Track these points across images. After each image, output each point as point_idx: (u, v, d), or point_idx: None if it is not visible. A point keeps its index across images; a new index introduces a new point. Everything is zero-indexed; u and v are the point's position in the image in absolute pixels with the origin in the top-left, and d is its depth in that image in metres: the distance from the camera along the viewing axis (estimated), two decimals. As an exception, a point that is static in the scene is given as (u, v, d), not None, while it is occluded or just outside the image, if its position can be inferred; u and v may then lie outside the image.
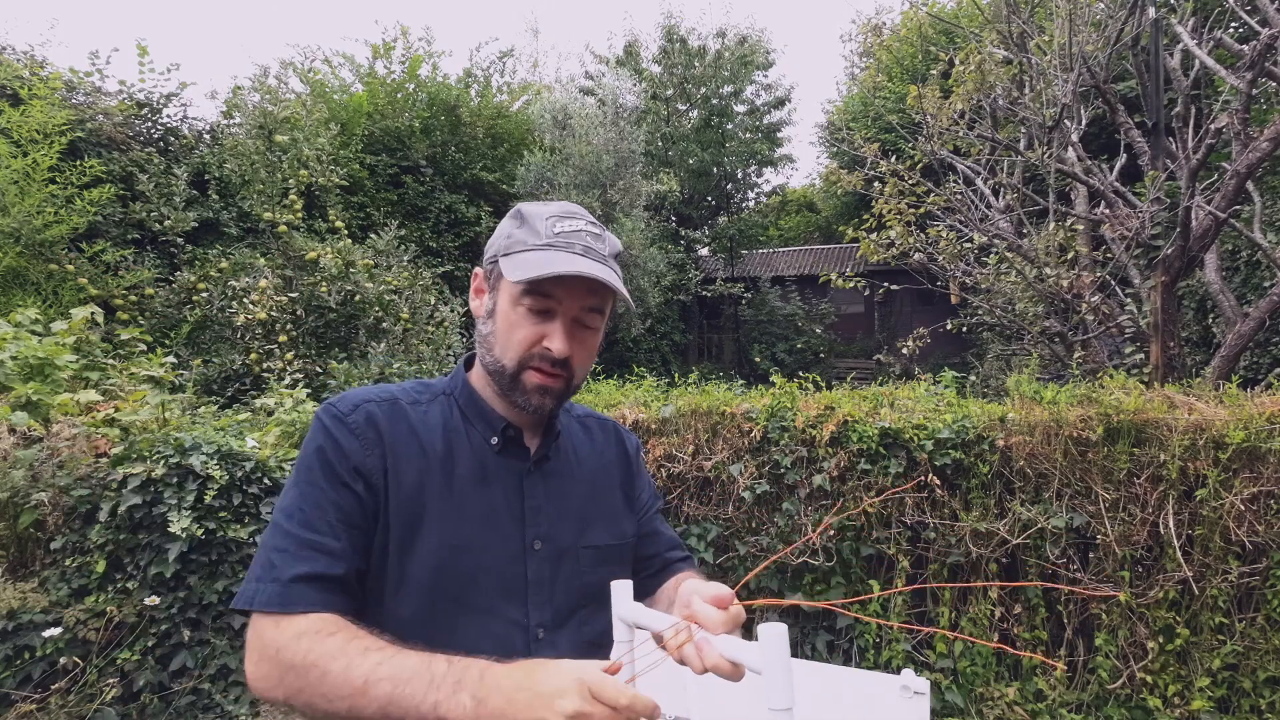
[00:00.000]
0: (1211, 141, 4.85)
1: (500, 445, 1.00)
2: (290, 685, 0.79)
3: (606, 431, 1.19)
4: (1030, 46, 5.80)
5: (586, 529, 1.05)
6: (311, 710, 0.79)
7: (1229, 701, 2.68)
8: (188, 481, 2.95)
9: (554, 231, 0.95)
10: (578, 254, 0.94)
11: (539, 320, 0.95)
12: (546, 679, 0.70)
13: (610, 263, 0.98)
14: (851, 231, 7.41)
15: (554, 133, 12.01)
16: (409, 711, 0.73)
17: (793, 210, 24.48)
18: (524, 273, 0.90)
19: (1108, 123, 6.51)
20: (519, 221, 0.98)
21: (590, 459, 1.12)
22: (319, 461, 0.91)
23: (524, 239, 0.95)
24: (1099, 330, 5.66)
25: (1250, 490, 2.61)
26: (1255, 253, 7.35)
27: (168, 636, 2.88)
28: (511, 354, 0.95)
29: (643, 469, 1.22)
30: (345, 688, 0.76)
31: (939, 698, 2.86)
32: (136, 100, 8.13)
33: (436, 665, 0.76)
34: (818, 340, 16.93)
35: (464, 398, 1.04)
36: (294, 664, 0.80)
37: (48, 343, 3.60)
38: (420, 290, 6.88)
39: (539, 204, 1.01)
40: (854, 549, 3.03)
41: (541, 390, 0.96)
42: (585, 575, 1.02)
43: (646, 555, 1.16)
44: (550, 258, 0.92)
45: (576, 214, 0.99)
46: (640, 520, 1.16)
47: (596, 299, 0.97)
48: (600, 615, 1.00)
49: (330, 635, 0.81)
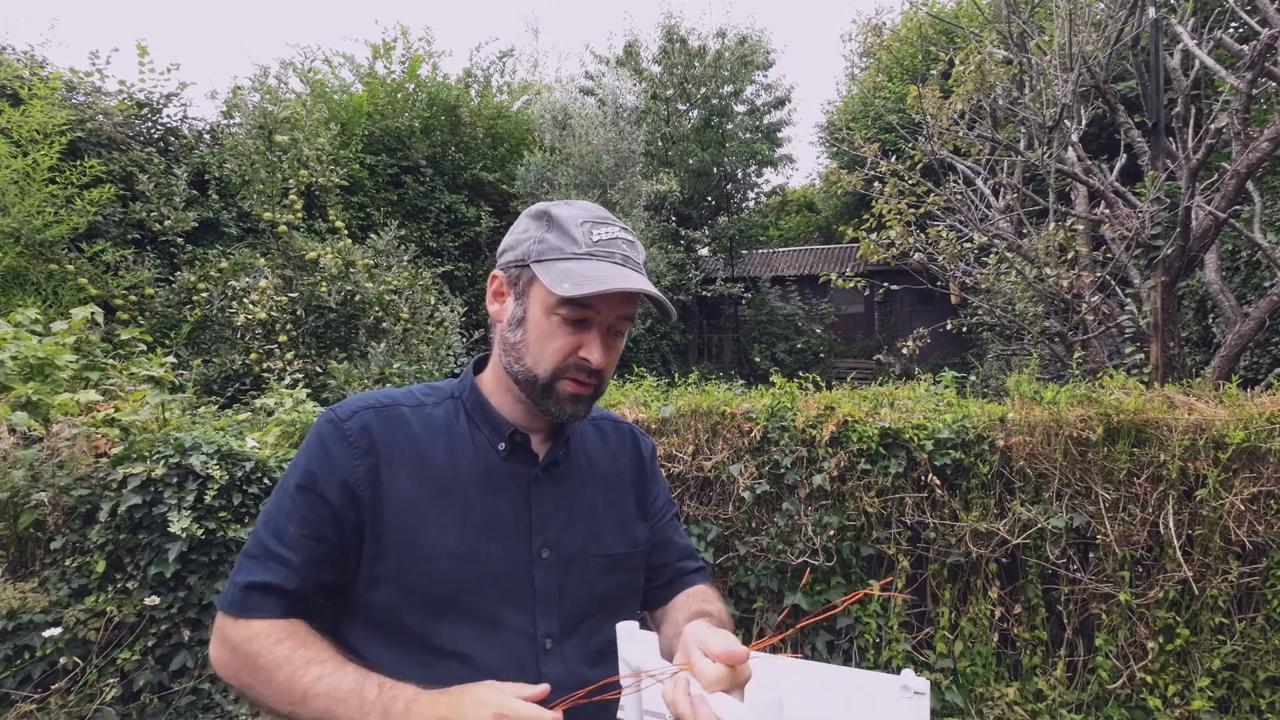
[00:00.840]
0: (1211, 141, 4.85)
1: (507, 451, 0.98)
2: (244, 680, 0.86)
3: (621, 434, 1.16)
4: (1030, 46, 5.80)
5: (597, 536, 1.02)
6: (259, 705, 0.85)
7: (1229, 701, 2.68)
8: (188, 481, 2.95)
9: (593, 240, 0.92)
10: (619, 264, 0.91)
11: (575, 330, 0.92)
12: (468, 708, 0.74)
13: (644, 269, 0.97)
14: (851, 231, 7.41)
15: (554, 133, 12.01)
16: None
17: (793, 210, 24.49)
18: (575, 286, 0.86)
19: (1108, 123, 6.51)
20: (547, 224, 0.94)
21: (602, 462, 1.10)
22: (304, 473, 0.92)
23: (560, 246, 0.92)
24: (1099, 330, 5.66)
25: (1250, 490, 2.61)
26: (1255, 253, 7.35)
27: (168, 636, 2.88)
28: (546, 364, 0.93)
29: (658, 474, 1.19)
30: (287, 696, 0.81)
31: (939, 698, 2.86)
32: (136, 100, 8.12)
33: (368, 689, 0.79)
34: (818, 340, 16.93)
35: (471, 401, 1.01)
36: (246, 663, 0.85)
37: (48, 343, 3.60)
38: (420, 290, 6.89)
39: (564, 205, 0.97)
40: (854, 549, 3.03)
41: (575, 399, 0.95)
42: (594, 584, 1.00)
43: (658, 565, 1.13)
44: (595, 269, 0.89)
45: (608, 219, 0.96)
46: (653, 527, 1.13)
47: (631, 307, 0.96)
48: (609, 624, 0.99)
49: (279, 642, 0.84)
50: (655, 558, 1.13)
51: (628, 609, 1.09)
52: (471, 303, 10.35)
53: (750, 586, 3.13)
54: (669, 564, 1.14)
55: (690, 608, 1.04)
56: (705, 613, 0.99)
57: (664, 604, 1.11)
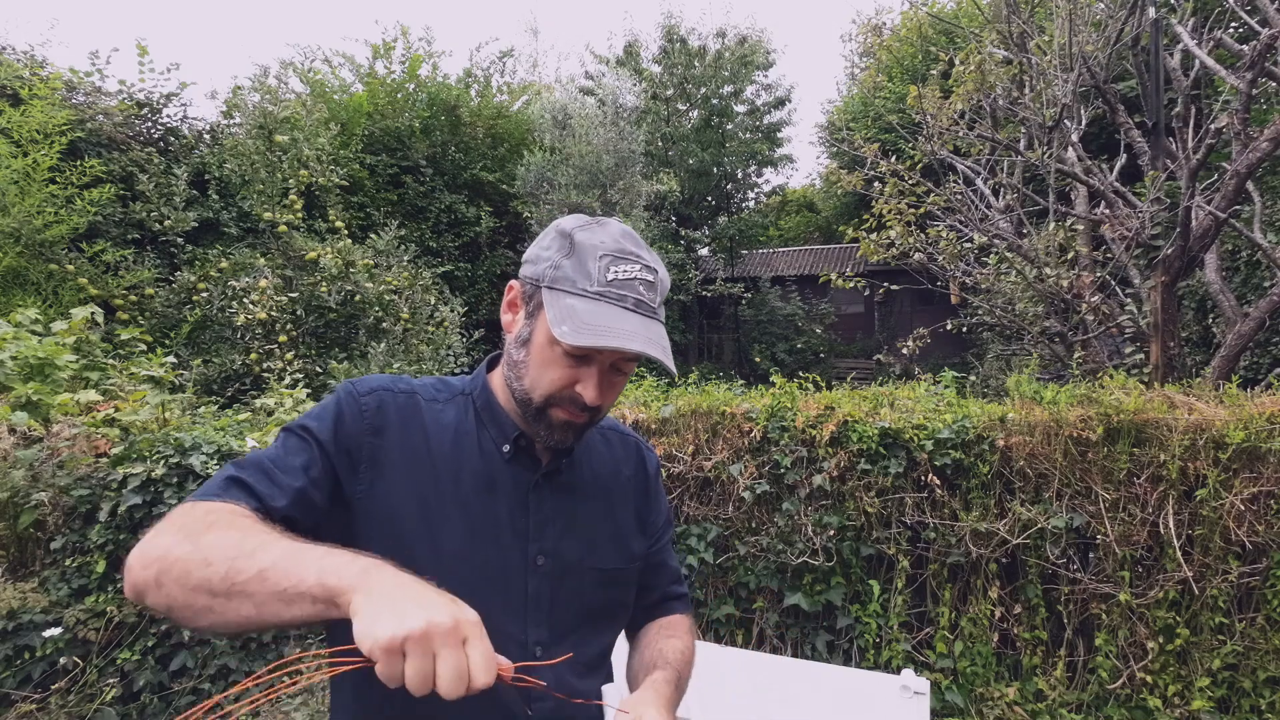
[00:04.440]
0: (1211, 141, 4.85)
1: (511, 454, 0.98)
2: (172, 556, 0.72)
3: (627, 447, 1.15)
4: (1030, 46, 5.80)
5: (594, 548, 1.02)
6: (179, 584, 0.71)
7: (1229, 701, 2.68)
8: (188, 481, 2.95)
9: (606, 279, 0.88)
10: (629, 309, 0.88)
11: (575, 364, 0.90)
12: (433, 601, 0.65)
13: (660, 313, 0.93)
14: (851, 231, 7.41)
15: (554, 133, 12.01)
16: (290, 574, 0.67)
17: (793, 210, 24.48)
18: (572, 332, 0.84)
19: (1108, 123, 6.51)
20: (568, 249, 0.91)
21: (606, 473, 1.09)
22: (315, 426, 0.91)
23: (572, 278, 0.89)
24: (1099, 330, 5.66)
25: (1250, 490, 2.61)
26: (1255, 253, 7.35)
27: (168, 636, 2.88)
28: (541, 390, 0.92)
29: (660, 492, 1.17)
30: (234, 548, 0.70)
31: (939, 698, 2.86)
32: (136, 100, 8.13)
33: (333, 551, 0.71)
34: (818, 340, 16.94)
35: (481, 399, 1.01)
36: (185, 526, 0.74)
37: (48, 343, 3.60)
38: (420, 290, 6.89)
39: (592, 230, 0.92)
40: (854, 549, 3.03)
41: (565, 426, 0.93)
42: (587, 596, 0.99)
43: (647, 585, 1.13)
44: (599, 315, 0.86)
45: (630, 254, 0.90)
46: (650, 548, 1.12)
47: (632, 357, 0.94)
48: (599, 638, 0.99)
49: (243, 516, 0.76)
50: (645, 578, 1.12)
51: (616, 625, 1.09)
52: (471, 303, 10.35)
53: (750, 586, 3.13)
54: (658, 587, 1.15)
55: (655, 647, 1.06)
56: (664, 661, 1.02)
57: (642, 626, 1.13)
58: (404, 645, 0.61)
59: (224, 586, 0.68)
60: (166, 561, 0.72)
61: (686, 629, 1.13)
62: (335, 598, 0.66)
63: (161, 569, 0.72)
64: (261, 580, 0.67)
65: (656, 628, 1.11)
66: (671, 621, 1.13)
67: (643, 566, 1.11)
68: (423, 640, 0.61)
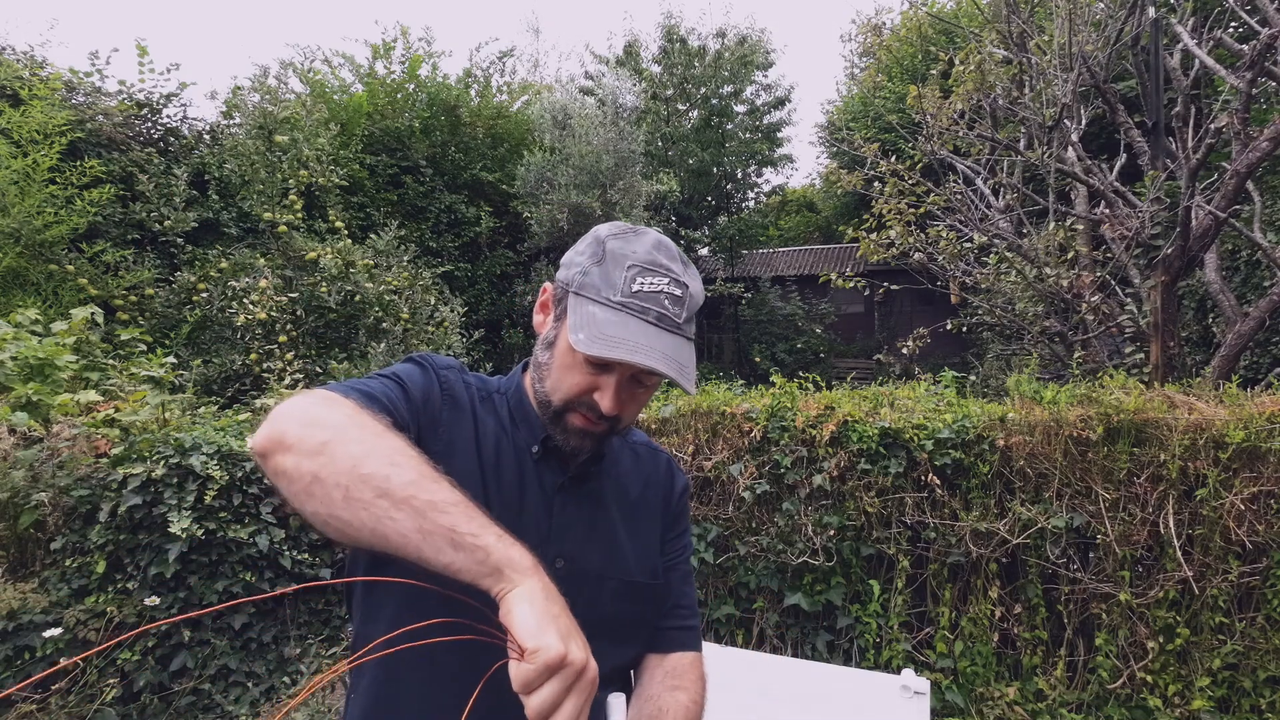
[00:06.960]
0: (1211, 141, 4.84)
1: (540, 454, 0.98)
2: (350, 436, 0.71)
3: (658, 464, 1.14)
4: (1030, 46, 5.79)
5: (614, 559, 1.00)
6: (348, 465, 0.69)
7: (1229, 701, 2.68)
8: (188, 482, 2.95)
9: (631, 289, 0.87)
10: (649, 322, 0.86)
11: (595, 371, 0.90)
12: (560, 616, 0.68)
13: (686, 329, 0.91)
14: (851, 231, 7.41)
15: (554, 133, 12.00)
16: (471, 523, 0.69)
17: (793, 210, 24.47)
18: (588, 341, 0.84)
19: (1108, 123, 6.51)
20: (599, 256, 0.90)
21: (634, 487, 1.08)
22: (407, 379, 0.93)
23: (598, 285, 0.88)
24: (1099, 330, 5.66)
25: (1250, 490, 2.61)
26: (1255, 253, 7.35)
27: (168, 636, 2.88)
28: (560, 394, 0.92)
29: (685, 516, 1.15)
30: (422, 470, 0.70)
31: (939, 698, 2.86)
32: (136, 100, 8.12)
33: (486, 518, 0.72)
34: (818, 340, 16.93)
35: (514, 399, 1.02)
36: (358, 418, 0.74)
37: (48, 343, 3.60)
38: (420, 290, 6.89)
39: (626, 238, 0.92)
40: (854, 549, 3.03)
41: (582, 433, 0.93)
42: (605, 606, 0.97)
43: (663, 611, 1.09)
44: (619, 327, 0.85)
45: (660, 266, 0.89)
46: (666, 571, 1.09)
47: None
48: (613, 652, 0.95)
49: (390, 426, 0.77)
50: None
51: (635, 642, 1.05)
52: (471, 303, 10.35)
53: (750, 586, 3.14)
54: (673, 613, 1.10)
55: (655, 704, 1.00)
56: (663, 710, 0.98)
57: (652, 652, 1.07)
58: (560, 668, 0.63)
59: (403, 494, 0.68)
60: (342, 436, 0.71)
61: (696, 678, 1.06)
62: (503, 570, 0.68)
63: (332, 440, 0.71)
64: (440, 512, 0.68)
65: (662, 674, 1.04)
66: (680, 668, 1.06)
67: (665, 587, 1.07)
68: (573, 674, 0.64)
